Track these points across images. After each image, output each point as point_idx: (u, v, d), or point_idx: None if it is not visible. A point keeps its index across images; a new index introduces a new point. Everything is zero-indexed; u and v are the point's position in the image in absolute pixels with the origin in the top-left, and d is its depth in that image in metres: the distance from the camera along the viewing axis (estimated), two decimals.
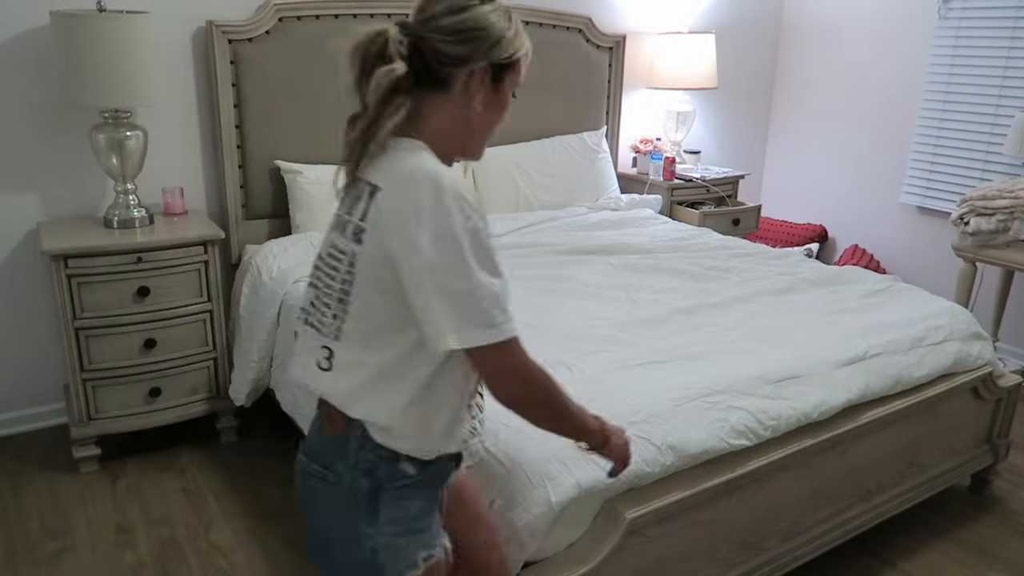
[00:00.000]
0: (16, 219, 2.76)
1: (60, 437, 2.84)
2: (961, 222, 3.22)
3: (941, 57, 3.78)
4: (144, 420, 2.72)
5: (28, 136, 2.72)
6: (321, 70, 3.03)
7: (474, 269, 1.11)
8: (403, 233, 1.11)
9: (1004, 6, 3.52)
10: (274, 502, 2.55)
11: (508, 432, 1.66)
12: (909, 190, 4.00)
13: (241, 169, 3.01)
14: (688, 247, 3.09)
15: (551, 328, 2.19)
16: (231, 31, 2.86)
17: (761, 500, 1.92)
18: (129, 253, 2.57)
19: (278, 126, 3.00)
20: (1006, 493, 2.70)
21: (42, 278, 2.81)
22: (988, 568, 2.32)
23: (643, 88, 4.04)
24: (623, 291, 2.57)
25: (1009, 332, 3.61)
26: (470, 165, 3.40)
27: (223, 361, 2.84)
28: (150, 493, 2.59)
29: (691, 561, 1.83)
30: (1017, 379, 2.56)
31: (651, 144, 4.04)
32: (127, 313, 2.59)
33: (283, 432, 2.71)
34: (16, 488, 2.60)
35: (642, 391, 1.86)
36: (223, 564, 2.26)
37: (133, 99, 2.60)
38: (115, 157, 2.66)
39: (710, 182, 3.91)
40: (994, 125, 3.60)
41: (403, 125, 1.18)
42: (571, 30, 3.63)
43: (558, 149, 3.58)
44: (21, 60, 2.65)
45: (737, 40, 4.29)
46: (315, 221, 2.94)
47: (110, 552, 2.30)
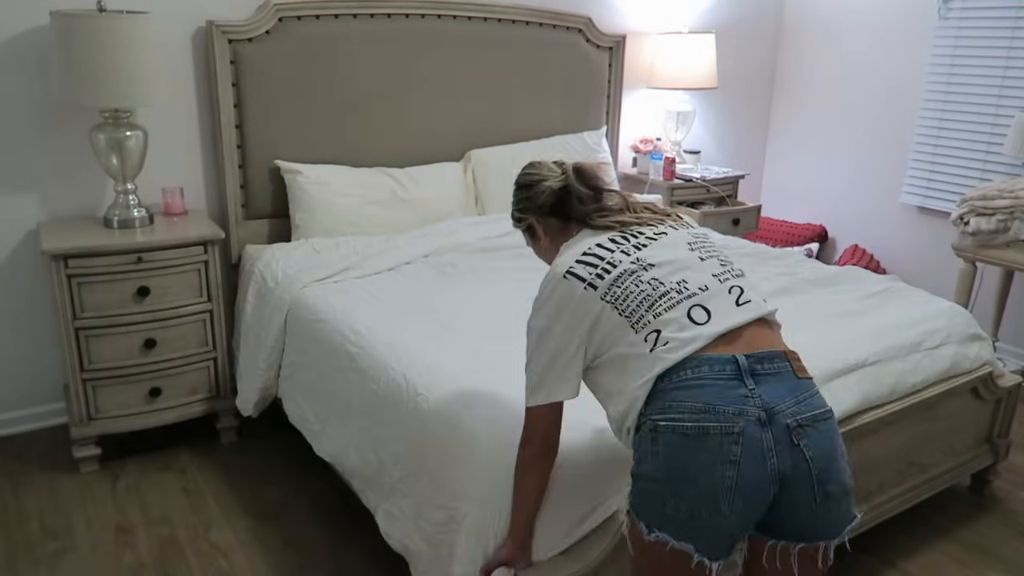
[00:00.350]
0: (16, 219, 2.76)
1: (60, 437, 2.84)
2: (961, 222, 3.22)
3: (941, 57, 3.78)
4: (144, 420, 2.72)
5: (28, 136, 2.72)
6: (321, 70, 3.03)
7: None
8: None
9: (1004, 6, 3.52)
10: (274, 502, 2.55)
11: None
12: (909, 190, 4.00)
13: (241, 169, 3.01)
14: None
15: None
16: (231, 31, 2.86)
17: None
18: (129, 253, 2.57)
19: (278, 126, 3.00)
20: (1006, 493, 2.70)
21: (42, 278, 2.81)
22: (988, 568, 2.32)
23: (643, 88, 4.04)
24: None
25: (1009, 332, 3.61)
26: (471, 164, 3.40)
27: (223, 361, 2.84)
28: (150, 493, 2.59)
29: None
30: (1017, 379, 2.56)
31: (651, 144, 4.04)
32: (127, 313, 2.60)
33: (283, 432, 2.71)
34: (16, 488, 2.60)
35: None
36: (223, 564, 2.26)
37: (133, 99, 2.60)
38: (115, 157, 2.66)
39: (710, 182, 3.91)
40: (994, 125, 3.60)
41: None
42: (571, 30, 3.63)
43: (558, 149, 3.57)
44: (21, 60, 2.65)
45: (737, 40, 4.29)
46: (315, 221, 2.94)
47: (110, 552, 2.30)
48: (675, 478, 1.30)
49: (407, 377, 1.97)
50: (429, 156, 3.31)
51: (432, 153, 3.33)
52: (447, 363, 2.00)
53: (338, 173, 3.05)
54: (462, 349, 2.09)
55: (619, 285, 1.43)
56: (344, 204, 2.99)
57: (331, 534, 2.40)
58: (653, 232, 1.52)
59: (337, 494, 2.51)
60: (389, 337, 2.17)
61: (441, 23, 3.27)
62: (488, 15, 3.37)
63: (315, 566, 2.26)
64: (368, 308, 2.39)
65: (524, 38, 3.48)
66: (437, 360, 2.02)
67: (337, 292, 2.52)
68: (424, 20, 3.23)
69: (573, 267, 1.47)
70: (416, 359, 2.04)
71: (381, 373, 2.05)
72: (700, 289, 1.43)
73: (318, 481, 2.60)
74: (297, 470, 2.70)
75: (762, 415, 1.30)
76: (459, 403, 1.83)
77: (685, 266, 1.46)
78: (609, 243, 1.50)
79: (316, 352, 2.39)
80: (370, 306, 2.41)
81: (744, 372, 1.34)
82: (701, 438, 1.29)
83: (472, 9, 3.33)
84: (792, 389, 1.36)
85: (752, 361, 1.35)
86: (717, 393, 1.31)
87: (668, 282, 1.43)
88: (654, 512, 1.33)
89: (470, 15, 3.33)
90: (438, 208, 3.19)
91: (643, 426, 1.37)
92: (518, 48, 3.47)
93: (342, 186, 3.02)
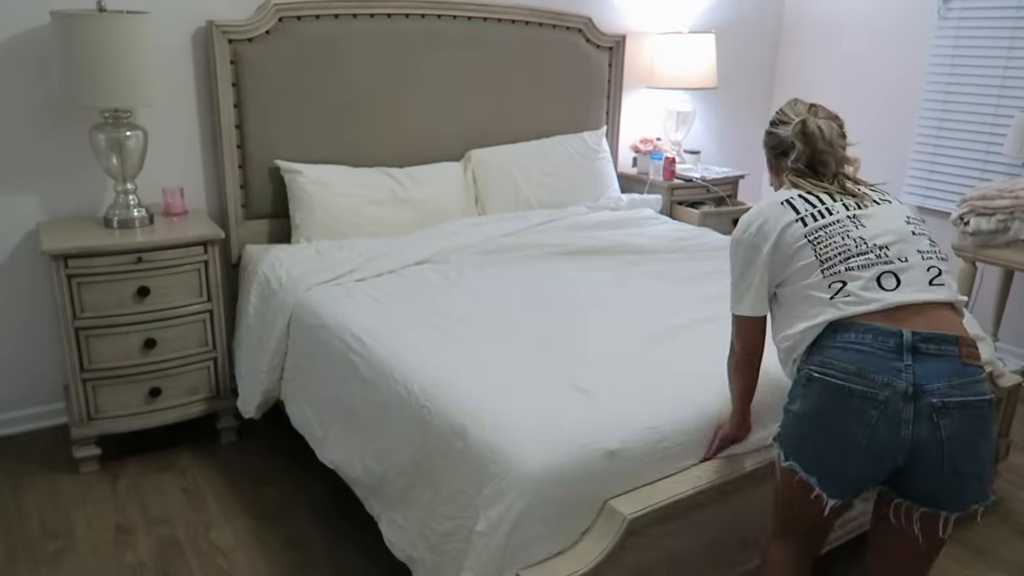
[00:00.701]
0: (16, 219, 2.76)
1: (60, 437, 2.84)
2: (961, 222, 3.22)
3: (941, 57, 3.78)
4: (144, 420, 2.72)
5: (28, 136, 2.72)
6: (321, 70, 3.03)
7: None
8: None
9: (1004, 6, 3.52)
10: (274, 502, 2.55)
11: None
12: (909, 190, 4.00)
13: (241, 169, 3.01)
14: (690, 247, 3.09)
15: (566, 343, 2.18)
16: (231, 31, 2.86)
17: (761, 500, 1.92)
18: (129, 253, 2.57)
19: (278, 126, 3.00)
20: (1006, 493, 2.70)
21: (42, 278, 2.81)
22: (988, 568, 2.32)
23: (643, 88, 4.04)
24: (633, 296, 2.57)
25: (1009, 332, 3.61)
26: (471, 164, 3.40)
27: (223, 361, 2.84)
28: (150, 493, 2.59)
29: (691, 561, 1.83)
30: (1017, 379, 2.55)
31: (651, 144, 4.04)
32: (127, 313, 2.60)
33: (283, 432, 2.71)
34: (16, 488, 2.60)
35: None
36: (223, 564, 2.26)
37: (133, 99, 2.60)
38: (115, 157, 2.66)
39: (710, 182, 3.91)
40: (994, 125, 3.60)
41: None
42: (571, 30, 3.63)
43: (558, 149, 3.58)
44: (21, 60, 2.65)
45: (737, 40, 4.30)
46: (315, 221, 2.94)
47: (110, 552, 2.30)
48: (815, 423, 1.49)
49: (409, 388, 1.95)
50: (429, 156, 3.31)
51: (432, 153, 3.33)
52: (452, 372, 1.97)
53: (338, 173, 3.05)
54: (467, 356, 2.05)
55: (826, 231, 1.57)
56: (344, 204, 2.99)
57: (331, 534, 2.40)
58: (879, 198, 1.66)
59: (337, 494, 2.51)
60: (392, 344, 2.14)
61: (441, 23, 3.27)
62: (488, 15, 3.37)
63: (315, 566, 2.26)
64: (371, 313, 2.36)
65: (524, 38, 3.48)
66: (441, 369, 1.98)
67: (340, 295, 2.50)
68: (424, 20, 3.23)
69: (793, 199, 1.62)
70: (419, 368, 2.00)
71: (384, 382, 2.03)
72: (899, 259, 1.54)
73: (318, 481, 2.60)
74: (297, 470, 2.70)
75: (909, 389, 1.42)
76: (464, 414, 1.79)
77: (896, 236, 1.57)
78: (835, 195, 1.63)
79: (319, 357, 2.38)
80: (373, 311, 2.38)
81: (905, 347, 1.44)
82: (846, 396, 1.44)
83: (472, 9, 3.33)
84: (951, 373, 1.44)
85: (918, 339, 1.45)
86: (873, 361, 1.44)
87: (871, 244, 1.55)
88: (792, 444, 1.54)
89: (470, 15, 3.33)
90: (438, 208, 3.18)
91: (800, 372, 1.56)
92: (518, 48, 3.47)
93: (342, 186, 3.02)
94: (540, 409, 1.79)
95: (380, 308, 2.41)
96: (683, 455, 1.82)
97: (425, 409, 1.87)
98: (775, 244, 1.60)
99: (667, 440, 1.78)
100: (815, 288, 1.55)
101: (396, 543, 1.94)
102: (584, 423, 1.74)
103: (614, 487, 1.70)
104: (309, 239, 2.93)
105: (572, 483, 1.65)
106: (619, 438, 1.72)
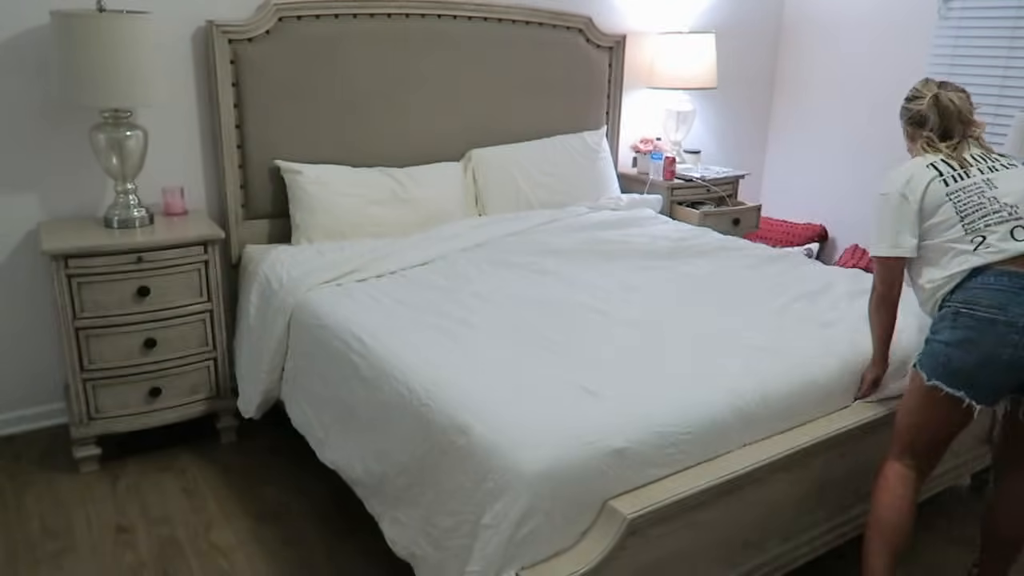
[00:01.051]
0: (16, 219, 2.76)
1: (60, 437, 2.84)
2: None
3: (941, 57, 3.78)
4: (144, 420, 2.72)
5: (28, 136, 2.72)
6: (321, 70, 3.03)
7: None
8: None
9: (1004, 6, 3.52)
10: (274, 502, 2.55)
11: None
12: None
13: (241, 169, 3.01)
14: (690, 247, 3.09)
15: (570, 345, 2.18)
16: (231, 31, 2.86)
17: (761, 500, 1.92)
18: (129, 253, 2.57)
19: (278, 126, 3.00)
20: None
21: (42, 278, 2.81)
22: None
23: (643, 88, 4.04)
24: (638, 294, 2.56)
25: None
26: (471, 164, 3.40)
27: (223, 361, 2.84)
28: (150, 493, 2.59)
29: (691, 561, 1.83)
30: None
31: (651, 144, 4.04)
32: (127, 313, 2.60)
33: (283, 432, 2.71)
34: (16, 488, 2.60)
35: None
36: (223, 564, 2.26)
37: (133, 99, 2.60)
38: (115, 157, 2.66)
39: (710, 182, 3.91)
40: (994, 125, 3.60)
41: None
42: (571, 30, 3.63)
43: (558, 149, 3.58)
44: (21, 60, 2.65)
45: (737, 40, 4.30)
46: (316, 221, 2.94)
47: (110, 552, 2.30)
48: (964, 346, 1.80)
49: (410, 388, 1.94)
50: (429, 156, 3.31)
51: (432, 153, 3.33)
52: (453, 371, 1.96)
53: (338, 173, 3.05)
54: (468, 356, 2.05)
55: (965, 191, 1.88)
56: (344, 204, 2.99)
57: (331, 534, 2.40)
58: (1007, 162, 1.95)
59: (337, 494, 2.51)
60: (393, 345, 2.13)
61: (441, 23, 3.27)
62: (488, 15, 3.37)
63: (315, 566, 2.26)
64: (372, 313, 2.36)
65: (524, 38, 3.48)
66: (442, 369, 1.98)
67: (341, 296, 2.50)
68: (424, 20, 3.23)
69: (937, 163, 1.93)
70: (420, 368, 1.99)
71: (385, 383, 2.02)
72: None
73: (318, 481, 2.60)
74: (297, 471, 2.70)
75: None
76: (466, 413, 1.79)
77: (1022, 196, 1.87)
78: (971, 158, 1.94)
79: (320, 357, 2.37)
80: (374, 311, 2.38)
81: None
82: (990, 324, 1.77)
83: (472, 9, 3.33)
84: None
85: None
86: (1011, 298, 1.77)
87: (1003, 202, 1.86)
88: (935, 366, 1.84)
89: (470, 15, 3.33)
90: (439, 208, 3.19)
91: (946, 307, 1.87)
92: (518, 48, 3.47)
93: (342, 186, 3.02)
94: (544, 407, 1.78)
95: (381, 308, 2.41)
96: (689, 455, 1.82)
97: (426, 407, 1.87)
98: (920, 197, 1.90)
99: (674, 440, 1.78)
100: (958, 242, 1.87)
101: (398, 541, 1.94)
102: (590, 421, 1.73)
103: (618, 486, 1.70)
104: (309, 239, 2.93)
105: (577, 480, 1.65)
106: (626, 436, 1.71)
